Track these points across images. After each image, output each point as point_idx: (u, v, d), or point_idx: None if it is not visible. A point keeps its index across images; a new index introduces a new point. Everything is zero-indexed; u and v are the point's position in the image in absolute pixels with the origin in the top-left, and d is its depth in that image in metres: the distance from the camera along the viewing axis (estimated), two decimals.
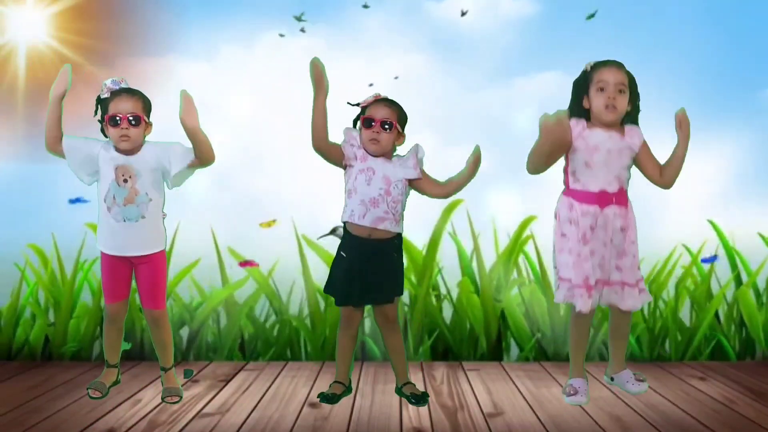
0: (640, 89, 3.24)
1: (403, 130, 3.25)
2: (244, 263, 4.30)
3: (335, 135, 3.24)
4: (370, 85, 4.05)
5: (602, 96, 3.12)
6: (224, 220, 4.35)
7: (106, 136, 3.22)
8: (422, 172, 3.27)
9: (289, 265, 4.36)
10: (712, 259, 4.29)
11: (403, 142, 3.26)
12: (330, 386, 3.36)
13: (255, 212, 4.35)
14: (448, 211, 4.34)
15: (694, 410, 3.20)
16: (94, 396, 3.29)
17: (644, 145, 3.23)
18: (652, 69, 4.38)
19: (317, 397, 3.32)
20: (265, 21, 4.42)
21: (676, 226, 4.28)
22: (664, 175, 3.24)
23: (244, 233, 4.35)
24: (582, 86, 3.18)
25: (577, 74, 3.26)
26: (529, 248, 4.35)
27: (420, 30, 4.45)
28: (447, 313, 4.33)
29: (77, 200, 4.19)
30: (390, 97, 3.26)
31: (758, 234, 4.35)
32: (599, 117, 3.14)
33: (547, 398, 3.38)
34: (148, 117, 3.21)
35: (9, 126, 4.39)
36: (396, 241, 3.26)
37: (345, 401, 3.32)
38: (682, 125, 3.18)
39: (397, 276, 3.29)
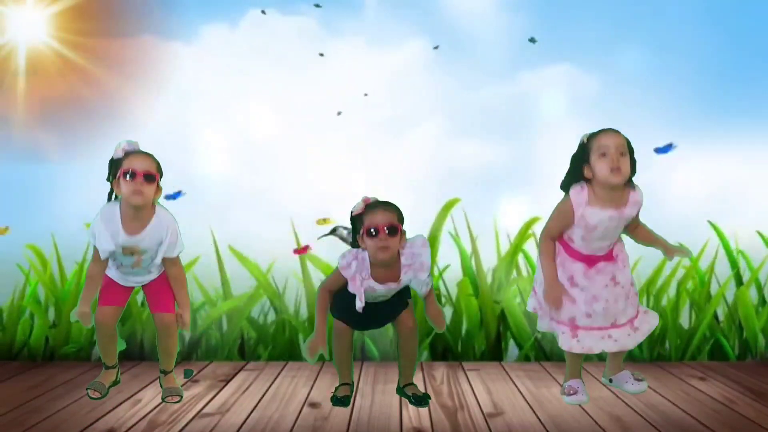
0: (638, 89, 3.25)
1: (403, 227, 3.14)
2: (299, 250, 4.27)
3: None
4: (365, 95, 4.04)
5: (605, 161, 3.07)
6: (225, 219, 4.35)
7: (110, 199, 3.24)
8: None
9: (289, 266, 4.36)
10: (667, 148, 4.14)
11: (405, 240, 3.15)
12: (337, 389, 3.33)
13: (255, 212, 4.34)
14: (446, 209, 4.33)
15: (694, 410, 3.20)
16: (93, 396, 3.30)
17: (639, 210, 3.21)
18: (651, 69, 4.39)
19: (330, 400, 3.28)
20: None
21: (676, 226, 4.28)
22: (636, 234, 3.26)
23: (243, 232, 4.35)
24: (581, 157, 3.13)
25: (581, 70, 3.24)
26: (529, 248, 4.35)
27: (422, 20, 4.43)
28: (447, 313, 4.33)
29: (175, 195, 4.18)
30: (379, 199, 3.15)
31: (757, 233, 4.36)
32: (606, 182, 3.07)
33: (547, 398, 3.38)
34: (161, 180, 3.22)
35: (9, 126, 4.39)
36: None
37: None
38: (674, 254, 3.24)
39: (406, 295, 3.27)
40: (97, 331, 3.34)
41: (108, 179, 3.22)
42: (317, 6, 4.31)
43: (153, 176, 3.15)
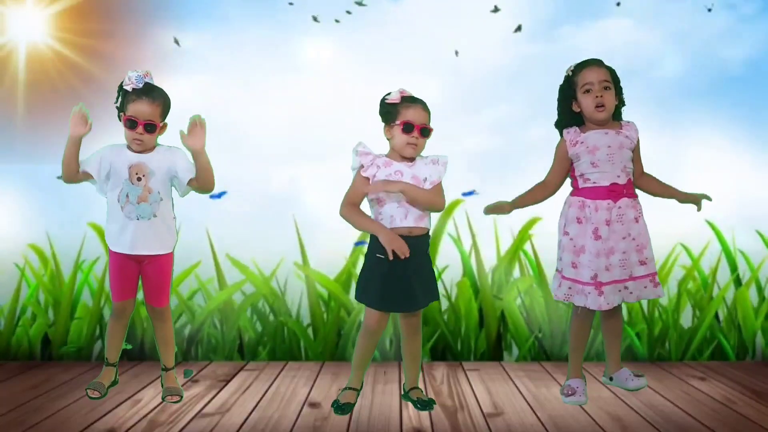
0: (640, 86, 3.28)
1: None
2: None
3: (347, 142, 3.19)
4: (456, 53, 4.04)
5: (590, 97, 3.17)
6: (223, 220, 4.34)
7: (120, 118, 3.24)
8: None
9: (289, 266, 4.36)
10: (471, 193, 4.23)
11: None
12: (342, 393, 3.24)
13: (254, 211, 4.34)
14: (448, 211, 4.34)
15: (694, 410, 3.20)
16: (93, 396, 3.30)
17: (638, 141, 3.27)
18: (650, 67, 4.39)
19: (332, 406, 3.20)
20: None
21: (676, 226, 4.27)
22: (643, 182, 3.29)
23: (244, 233, 4.35)
24: (567, 91, 3.24)
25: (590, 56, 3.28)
26: (529, 248, 4.35)
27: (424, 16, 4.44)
28: (447, 313, 4.33)
29: (220, 195, 4.20)
30: (416, 96, 3.17)
31: (756, 232, 4.35)
32: (591, 118, 3.20)
33: (547, 398, 3.38)
34: (165, 118, 3.23)
35: (9, 126, 4.39)
36: (428, 238, 3.20)
37: None
38: (694, 202, 3.27)
39: (435, 277, 3.23)
40: (112, 322, 3.31)
41: (115, 104, 3.23)
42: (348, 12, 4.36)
43: (154, 125, 3.16)
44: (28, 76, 4.39)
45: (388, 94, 3.16)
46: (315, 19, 4.28)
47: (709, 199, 3.28)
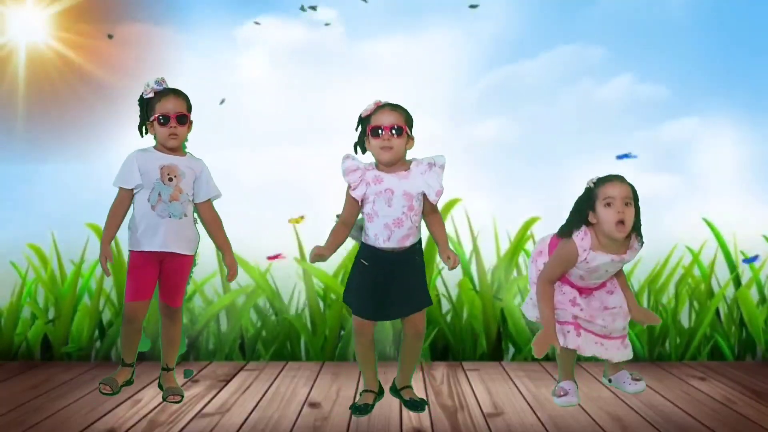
0: (638, 85, 3.24)
1: (411, 132, 3.07)
2: (273, 257, 4.29)
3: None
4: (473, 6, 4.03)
5: (611, 212, 3.05)
6: (225, 219, 4.34)
7: (142, 135, 3.31)
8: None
9: (289, 265, 4.36)
10: (753, 259, 4.28)
11: (413, 146, 3.07)
12: (361, 395, 3.17)
13: (255, 212, 4.34)
14: (446, 210, 4.34)
15: (694, 410, 3.20)
16: (104, 392, 3.24)
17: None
18: (650, 67, 4.40)
19: (349, 409, 3.13)
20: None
21: (676, 226, 4.28)
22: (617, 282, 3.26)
23: (244, 233, 4.35)
24: (586, 202, 3.12)
25: (586, 56, 3.24)
26: (529, 247, 4.35)
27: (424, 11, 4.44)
28: (447, 313, 4.33)
29: (626, 156, 4.23)
30: (391, 102, 3.08)
31: (764, 236, 4.36)
32: (610, 234, 3.06)
33: (547, 398, 3.38)
34: (191, 114, 3.31)
35: (9, 126, 4.39)
36: (417, 246, 3.09)
37: (345, 401, 3.32)
38: (643, 320, 3.23)
39: (423, 283, 3.11)
40: (124, 326, 3.29)
41: (142, 120, 3.28)
42: (312, 8, 4.35)
43: (185, 117, 3.25)
44: (28, 76, 4.39)
45: (365, 108, 3.08)
46: (302, 8, 4.28)
47: (659, 321, 3.26)
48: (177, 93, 3.28)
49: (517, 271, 4.36)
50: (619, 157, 4.22)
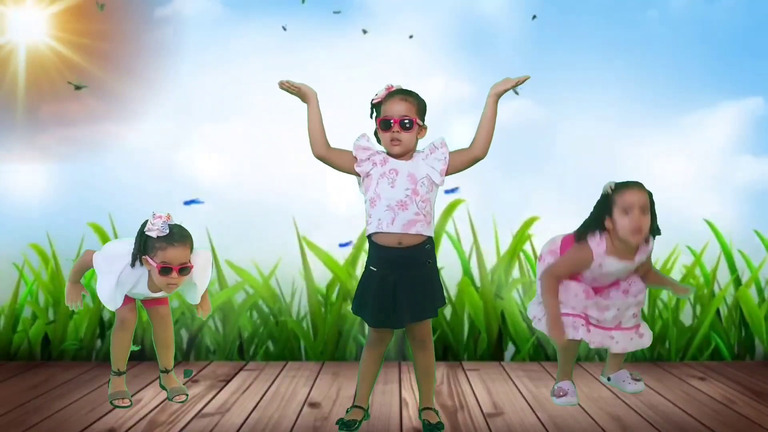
0: (637, 85, 3.23)
1: (423, 121, 2.93)
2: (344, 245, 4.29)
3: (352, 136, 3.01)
4: (410, 36, 4.01)
5: (628, 219, 3.06)
6: (222, 221, 4.34)
7: (133, 263, 3.14)
8: (448, 156, 2.92)
9: (290, 266, 4.35)
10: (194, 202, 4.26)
11: (425, 135, 2.94)
12: (348, 411, 3.01)
13: (255, 212, 4.34)
14: (448, 211, 4.34)
15: (694, 410, 3.20)
16: (123, 405, 3.22)
17: (649, 254, 3.20)
18: (649, 68, 4.40)
19: (336, 424, 2.97)
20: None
21: (676, 226, 4.27)
22: (648, 278, 3.25)
23: (244, 234, 4.35)
24: (604, 207, 3.12)
25: (587, 57, 3.23)
26: (528, 247, 4.35)
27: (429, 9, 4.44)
28: (447, 313, 4.33)
29: (193, 201, 4.23)
30: (403, 88, 2.94)
31: (755, 231, 4.35)
32: (626, 240, 3.08)
33: (547, 398, 3.38)
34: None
35: (9, 126, 4.39)
36: (428, 247, 2.90)
37: (344, 402, 3.32)
38: (681, 293, 3.28)
39: (436, 287, 2.94)
40: (116, 333, 3.25)
41: (138, 251, 3.10)
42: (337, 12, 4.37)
43: (188, 268, 3.11)
44: (28, 76, 4.39)
45: (377, 93, 2.97)
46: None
47: (695, 290, 3.27)
48: (182, 241, 3.09)
49: (519, 270, 4.35)
50: (186, 203, 4.24)
